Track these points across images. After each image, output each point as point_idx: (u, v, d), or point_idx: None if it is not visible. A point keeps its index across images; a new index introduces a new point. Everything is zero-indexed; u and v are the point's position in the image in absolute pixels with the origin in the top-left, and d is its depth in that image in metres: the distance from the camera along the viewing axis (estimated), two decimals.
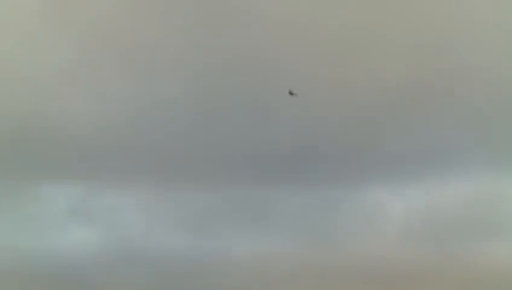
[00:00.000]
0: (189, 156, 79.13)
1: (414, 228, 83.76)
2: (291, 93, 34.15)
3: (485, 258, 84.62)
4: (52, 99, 52.99)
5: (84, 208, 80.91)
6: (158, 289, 78.17)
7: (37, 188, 60.33)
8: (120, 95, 57.80)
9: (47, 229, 61.84)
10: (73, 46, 48.99)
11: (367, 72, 54.24)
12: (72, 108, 53.07)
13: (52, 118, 51.31)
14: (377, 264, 79.50)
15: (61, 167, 55.87)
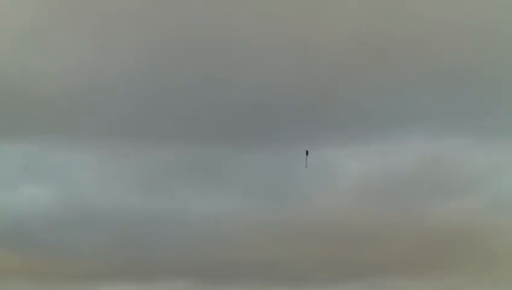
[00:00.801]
0: (146, 115, 78.15)
1: (368, 187, 78.62)
2: (307, 153, 35.48)
3: (437, 215, 78.83)
4: (10, 60, 54.95)
5: (37, 166, 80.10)
6: (112, 248, 76.22)
7: None
8: (78, 57, 59.34)
9: (0, 187, 62.27)
10: (36, 7, 51.25)
11: (321, 35, 53.35)
12: (30, 69, 54.73)
13: (9, 79, 53.17)
14: (330, 222, 74.87)
15: (14, 125, 57.01)
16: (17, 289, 61.46)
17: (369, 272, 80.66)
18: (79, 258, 70.66)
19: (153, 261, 75.56)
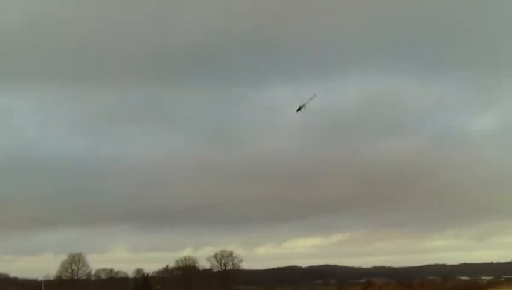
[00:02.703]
0: (87, 56, 75.81)
1: (311, 127, 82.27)
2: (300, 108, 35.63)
3: (379, 154, 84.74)
4: None
5: None
6: (53, 194, 75.13)
7: None
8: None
9: None
10: None
11: None
12: None
13: None
14: (272, 163, 78.56)
15: None
16: None
17: (311, 212, 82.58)
18: (20, 205, 68.30)
19: (94, 206, 74.25)
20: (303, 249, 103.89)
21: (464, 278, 72.86)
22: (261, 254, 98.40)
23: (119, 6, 77.68)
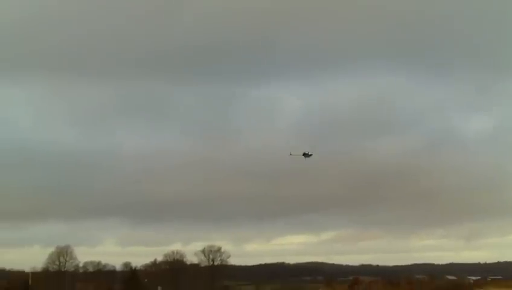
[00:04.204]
0: (84, 50, 75.86)
1: (307, 125, 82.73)
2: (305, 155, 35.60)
3: (374, 153, 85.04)
4: None
5: None
6: (45, 186, 74.82)
7: None
8: None
9: None
10: None
11: None
12: None
13: None
14: (266, 160, 78.62)
15: None
16: None
17: (300, 209, 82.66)
18: (10, 197, 68.01)
19: (84, 199, 74.09)
20: (292, 246, 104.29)
21: (451, 277, 73.21)
22: (249, 250, 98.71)
23: (118, 2, 77.51)
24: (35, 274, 58.93)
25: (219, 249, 65.40)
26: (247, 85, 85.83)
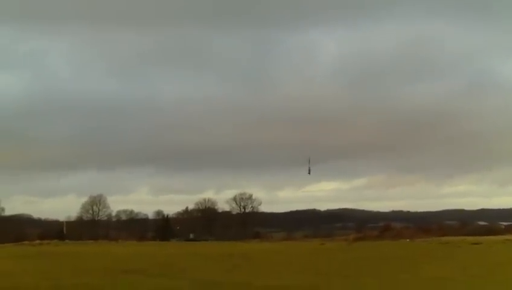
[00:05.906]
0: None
1: (345, 72, 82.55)
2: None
3: (411, 99, 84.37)
4: None
5: (9, 52, 78.12)
6: (81, 136, 75.64)
7: None
8: None
9: None
10: None
11: None
12: None
13: None
14: (302, 108, 78.91)
15: None
16: None
17: (332, 156, 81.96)
18: (46, 146, 68.61)
19: (120, 149, 74.53)
20: (323, 193, 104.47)
21: (482, 223, 72.66)
22: (281, 197, 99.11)
23: None
24: (69, 223, 60.03)
25: (250, 197, 65.77)
26: (287, 29, 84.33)
